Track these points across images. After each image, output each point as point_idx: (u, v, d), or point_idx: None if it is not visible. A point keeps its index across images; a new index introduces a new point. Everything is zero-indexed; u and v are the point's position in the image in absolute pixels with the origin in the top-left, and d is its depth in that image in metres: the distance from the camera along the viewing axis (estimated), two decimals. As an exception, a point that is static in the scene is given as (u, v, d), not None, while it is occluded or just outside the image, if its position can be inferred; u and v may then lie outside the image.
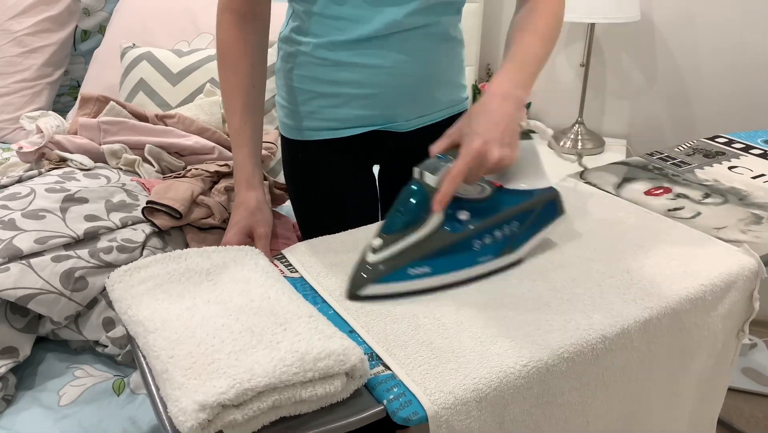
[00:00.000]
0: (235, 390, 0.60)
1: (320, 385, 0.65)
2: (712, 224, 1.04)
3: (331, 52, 1.05)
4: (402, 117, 1.13)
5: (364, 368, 0.68)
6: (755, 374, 1.96)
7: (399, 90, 1.09)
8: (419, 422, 0.65)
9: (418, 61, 1.08)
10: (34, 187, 1.23)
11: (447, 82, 1.16)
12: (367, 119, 1.12)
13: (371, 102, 1.09)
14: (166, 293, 0.79)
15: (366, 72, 1.06)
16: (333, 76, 1.07)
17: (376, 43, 1.04)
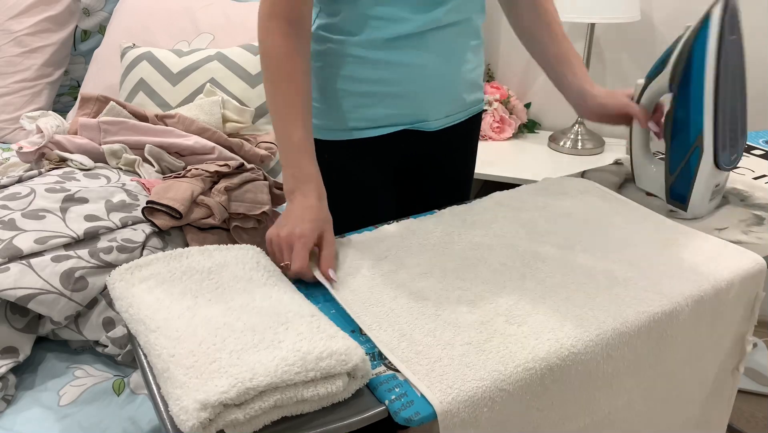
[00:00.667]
0: (237, 389, 0.60)
1: (322, 385, 0.65)
2: (714, 225, 1.04)
3: (367, 50, 1.05)
4: (432, 116, 1.14)
5: (366, 368, 0.68)
6: (755, 374, 1.96)
7: (431, 89, 1.10)
8: (421, 422, 0.65)
9: (451, 60, 1.09)
10: (34, 187, 1.22)
11: (473, 82, 1.17)
12: (399, 118, 1.12)
13: (405, 101, 1.10)
14: (167, 291, 0.79)
15: (401, 70, 1.06)
16: (368, 74, 1.07)
17: (412, 41, 1.04)
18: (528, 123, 2.21)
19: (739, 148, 1.07)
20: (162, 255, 0.86)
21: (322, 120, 1.13)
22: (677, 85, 1.03)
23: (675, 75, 1.03)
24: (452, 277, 0.88)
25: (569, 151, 2.03)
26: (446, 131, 1.17)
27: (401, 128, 1.13)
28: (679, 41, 1.03)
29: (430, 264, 0.91)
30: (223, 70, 1.72)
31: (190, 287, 0.79)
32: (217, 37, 1.89)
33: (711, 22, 0.98)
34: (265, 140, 1.66)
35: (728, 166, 1.05)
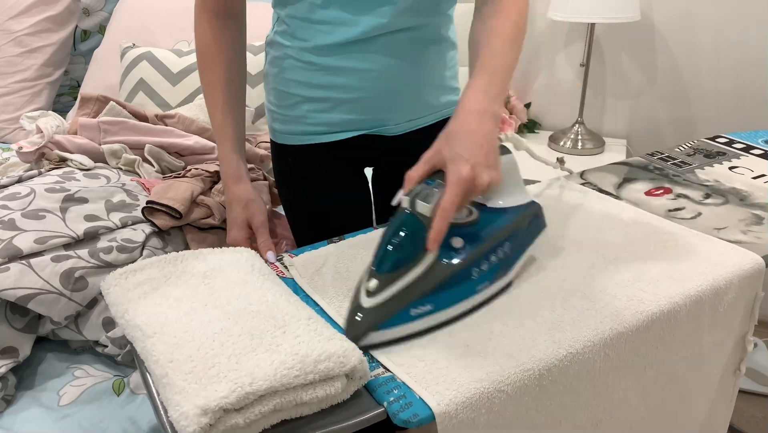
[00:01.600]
0: (237, 394, 0.60)
1: (321, 387, 0.65)
2: (713, 225, 1.04)
3: (316, 56, 1.04)
4: (391, 121, 1.11)
5: (364, 369, 0.68)
6: (755, 374, 1.96)
7: (387, 94, 1.07)
8: (420, 423, 0.65)
9: (405, 65, 1.06)
10: (34, 187, 1.22)
11: (437, 85, 1.13)
12: (355, 123, 1.10)
13: (359, 106, 1.08)
14: (162, 296, 0.78)
15: (353, 76, 1.05)
16: (320, 80, 1.06)
17: (362, 46, 1.02)
18: (528, 123, 2.21)
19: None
20: (156, 259, 0.86)
21: (282, 125, 1.14)
22: None
23: None
24: None
25: (569, 151, 2.02)
26: (413, 135, 1.14)
27: (361, 133, 1.11)
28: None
29: None
30: (223, 70, 1.72)
31: (185, 292, 0.79)
32: (217, 37, 1.89)
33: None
34: (264, 140, 1.66)
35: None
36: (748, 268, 0.92)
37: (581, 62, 2.05)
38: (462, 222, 0.81)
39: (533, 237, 0.90)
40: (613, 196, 1.15)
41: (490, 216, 0.84)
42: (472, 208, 0.85)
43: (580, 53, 2.11)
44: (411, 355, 0.74)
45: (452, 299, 0.78)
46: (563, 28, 2.11)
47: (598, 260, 0.92)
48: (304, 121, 1.11)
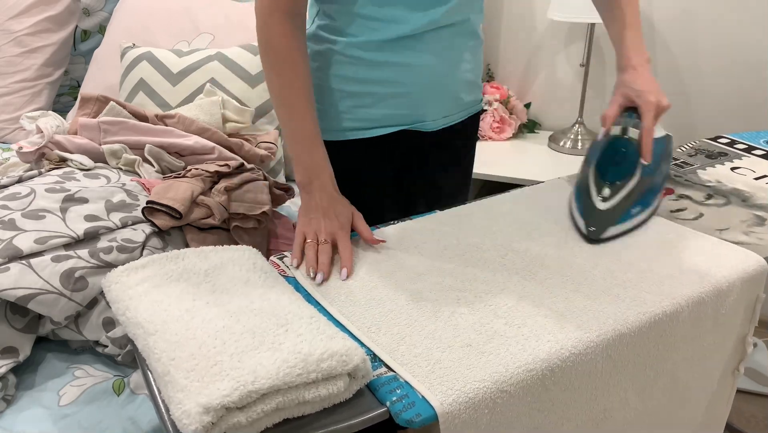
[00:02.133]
0: (239, 392, 0.60)
1: (323, 386, 0.64)
2: (715, 225, 1.04)
3: (365, 51, 1.05)
4: (430, 116, 1.14)
5: (367, 368, 0.68)
6: (755, 374, 1.96)
7: (430, 89, 1.10)
8: (423, 423, 0.65)
9: (449, 60, 1.10)
10: (34, 188, 1.22)
11: (471, 82, 1.17)
12: (397, 119, 1.12)
13: (402, 101, 1.10)
14: (164, 294, 0.78)
15: (399, 71, 1.07)
16: (366, 75, 1.07)
17: (409, 42, 1.04)
18: (528, 123, 2.21)
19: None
20: (158, 257, 0.86)
21: (320, 120, 1.13)
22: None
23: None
24: (451, 278, 0.87)
25: (569, 151, 2.02)
26: (445, 131, 1.17)
27: (399, 129, 1.13)
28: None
29: (429, 265, 0.91)
30: (223, 70, 1.72)
31: (187, 290, 0.79)
32: (217, 37, 1.89)
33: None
34: (264, 140, 1.66)
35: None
36: (750, 270, 0.92)
37: (581, 62, 2.05)
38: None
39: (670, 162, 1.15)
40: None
41: (656, 143, 1.02)
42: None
43: (580, 53, 2.11)
44: (414, 354, 0.73)
45: (649, 200, 1.03)
46: (563, 28, 2.11)
47: (601, 260, 0.92)
48: (346, 117, 1.11)
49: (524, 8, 2.14)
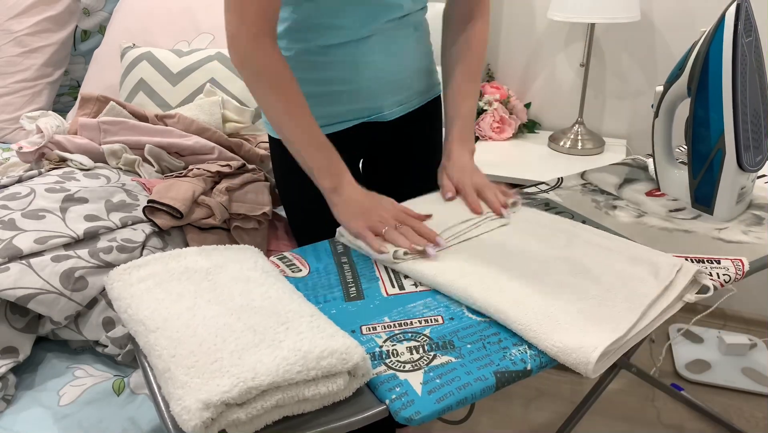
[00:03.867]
0: (239, 389, 0.60)
1: (323, 384, 0.65)
2: (713, 225, 1.04)
3: (320, 55, 1.12)
4: (387, 107, 1.20)
5: (367, 366, 0.68)
6: (755, 374, 1.96)
7: (383, 82, 1.17)
8: (422, 421, 0.65)
9: (394, 54, 1.16)
10: (34, 187, 1.22)
11: (421, 69, 1.24)
12: (356, 113, 1.18)
13: (359, 96, 1.16)
14: (165, 291, 0.78)
15: (348, 70, 1.13)
16: (322, 75, 1.13)
17: (354, 44, 1.11)
18: (528, 123, 2.21)
19: (763, 148, 1.06)
20: (160, 255, 0.86)
21: None
22: (695, 88, 1.04)
23: (692, 79, 1.04)
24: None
25: (569, 151, 2.02)
26: (403, 119, 1.24)
27: (359, 121, 1.20)
28: (695, 46, 1.05)
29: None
30: (223, 70, 1.72)
31: (188, 288, 0.79)
32: (217, 37, 1.89)
33: (725, 24, 1.01)
34: (264, 140, 1.66)
35: (753, 168, 1.05)
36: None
37: (581, 62, 2.05)
38: None
39: None
40: (614, 196, 1.15)
41: None
42: None
43: (580, 53, 2.11)
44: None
45: None
46: (563, 28, 2.11)
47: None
48: None
49: (524, 8, 2.14)
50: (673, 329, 2.17)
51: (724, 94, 0.99)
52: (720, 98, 1.00)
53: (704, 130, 1.03)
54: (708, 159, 1.04)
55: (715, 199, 1.06)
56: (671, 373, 2.00)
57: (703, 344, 2.10)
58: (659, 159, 1.16)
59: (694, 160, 1.07)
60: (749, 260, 0.93)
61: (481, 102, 2.12)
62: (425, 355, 0.74)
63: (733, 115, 0.99)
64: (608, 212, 1.09)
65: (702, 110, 1.03)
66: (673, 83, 1.08)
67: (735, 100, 0.99)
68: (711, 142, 1.03)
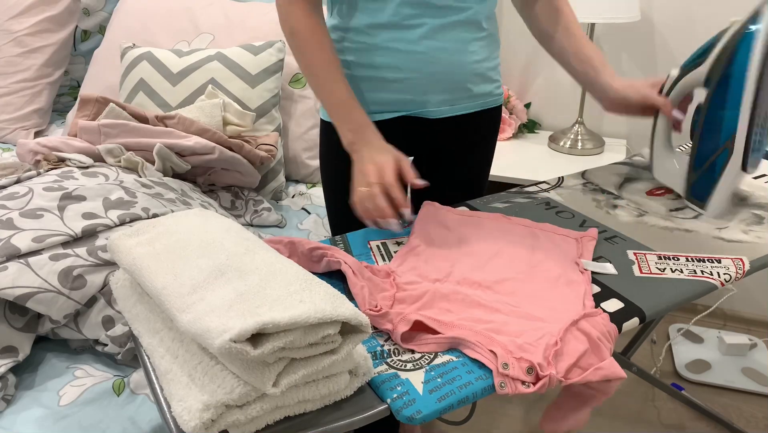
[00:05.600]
0: (240, 390, 0.60)
1: (324, 383, 0.64)
2: (714, 225, 1.04)
3: (367, 36, 1.10)
4: (432, 103, 1.17)
5: (368, 365, 0.68)
6: (755, 374, 1.96)
7: (431, 76, 1.13)
8: (423, 420, 0.65)
9: (450, 49, 1.12)
10: (32, 187, 1.22)
11: (479, 73, 1.19)
12: (400, 104, 1.16)
13: (405, 86, 1.14)
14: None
15: (401, 56, 1.11)
16: (370, 60, 1.12)
17: (411, 30, 1.09)
18: (528, 123, 2.21)
19: (762, 151, 1.05)
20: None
21: None
22: (715, 82, 0.99)
23: (714, 71, 0.99)
24: None
25: (569, 151, 2.02)
26: (450, 120, 1.20)
27: (402, 114, 1.17)
28: (723, 35, 0.98)
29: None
30: (223, 70, 1.72)
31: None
32: (217, 37, 1.89)
33: (762, 20, 0.92)
34: (265, 142, 1.66)
35: (753, 170, 1.04)
36: None
37: (581, 63, 2.05)
38: None
39: None
40: (615, 195, 1.15)
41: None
42: None
43: (579, 54, 2.11)
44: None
45: None
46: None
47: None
48: None
49: (524, 8, 2.14)
50: (673, 329, 2.17)
51: (745, 99, 0.95)
52: (739, 101, 0.96)
53: (715, 126, 1.00)
54: (713, 155, 1.02)
55: (711, 196, 1.04)
56: (671, 373, 2.00)
57: (703, 344, 2.10)
58: (657, 144, 1.14)
59: (698, 154, 1.05)
60: (750, 260, 0.93)
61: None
62: (426, 354, 0.74)
63: (749, 118, 0.96)
64: (609, 211, 1.09)
65: (717, 106, 0.99)
66: (691, 70, 1.04)
67: (755, 105, 0.95)
68: (720, 139, 1.00)
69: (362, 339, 0.65)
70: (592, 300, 0.83)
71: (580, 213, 1.09)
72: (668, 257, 0.94)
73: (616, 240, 1.00)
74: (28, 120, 1.99)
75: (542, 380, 0.69)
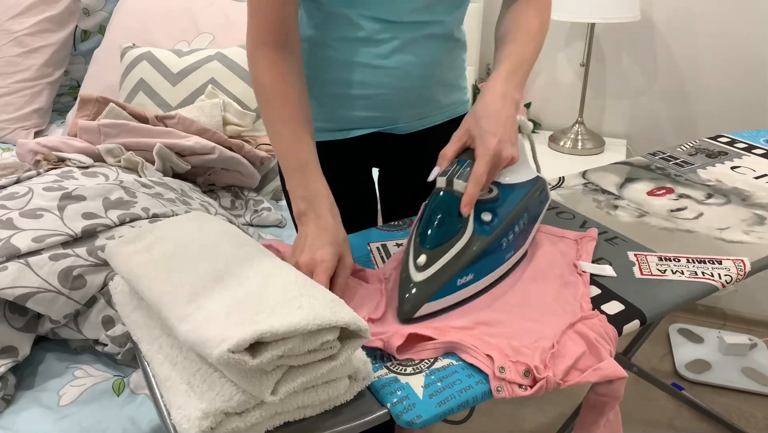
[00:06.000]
0: (239, 398, 0.59)
1: (323, 388, 0.64)
2: (715, 225, 1.04)
3: (336, 51, 1.03)
4: (404, 119, 1.11)
5: (367, 370, 0.68)
6: (755, 374, 1.96)
7: (403, 92, 1.07)
8: (423, 425, 0.65)
9: (422, 63, 1.06)
10: (32, 187, 1.22)
11: (448, 84, 1.14)
12: (370, 121, 1.09)
13: (375, 103, 1.07)
14: None
15: (371, 72, 1.04)
16: (337, 75, 1.05)
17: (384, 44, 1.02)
18: (528, 123, 2.21)
19: None
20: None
21: None
22: None
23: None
24: None
25: (569, 151, 2.02)
26: (422, 133, 1.14)
27: (372, 131, 1.10)
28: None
29: None
30: (223, 70, 1.72)
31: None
32: (217, 37, 1.89)
33: None
34: (265, 142, 1.66)
35: None
36: None
37: (581, 62, 2.05)
38: (488, 198, 0.90)
39: (541, 208, 0.98)
40: (615, 196, 1.15)
41: (508, 191, 0.92)
42: (493, 187, 0.92)
43: (580, 53, 2.11)
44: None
45: (488, 267, 0.86)
46: (563, 28, 2.11)
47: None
48: (320, 118, 1.07)
49: (524, 8, 2.14)
50: (673, 329, 2.17)
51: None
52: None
53: None
54: None
55: None
56: (671, 373, 2.00)
57: (703, 344, 2.10)
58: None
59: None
60: (751, 261, 0.93)
61: (481, 102, 2.12)
62: (426, 358, 0.74)
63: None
64: (609, 212, 1.09)
65: None
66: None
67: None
68: None
69: (361, 344, 0.65)
70: (590, 302, 0.83)
71: (581, 214, 1.09)
72: (669, 259, 0.94)
73: (617, 241, 1.00)
74: (28, 120, 1.99)
75: (539, 383, 0.69)
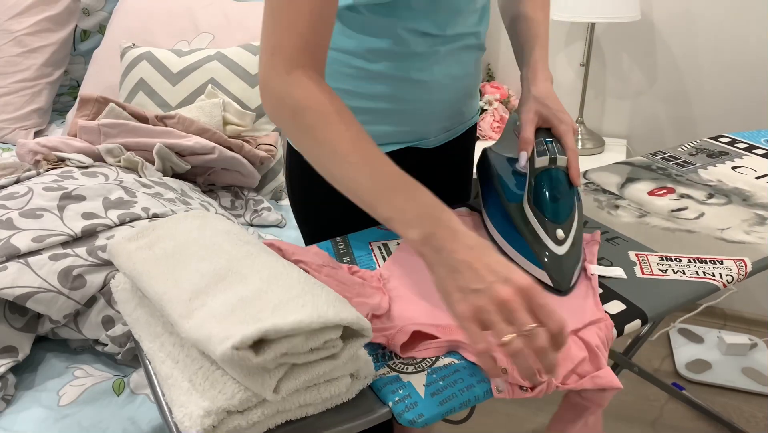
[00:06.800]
0: (241, 396, 0.59)
1: (325, 387, 0.64)
2: (716, 225, 1.04)
3: (367, 61, 0.96)
4: (433, 133, 1.08)
5: (369, 368, 0.67)
6: (755, 374, 1.96)
7: (435, 105, 1.03)
8: (425, 423, 0.65)
9: (457, 75, 1.03)
10: (32, 187, 1.22)
11: (473, 94, 1.12)
12: (398, 136, 1.04)
13: (405, 118, 1.02)
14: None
15: (405, 85, 0.99)
16: (369, 89, 0.98)
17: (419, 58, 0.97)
18: (528, 123, 2.21)
19: None
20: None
21: None
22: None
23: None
24: None
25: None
26: (446, 145, 1.13)
27: (401, 146, 1.05)
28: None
29: None
30: (223, 70, 1.71)
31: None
32: (217, 37, 1.89)
33: None
34: (265, 142, 1.66)
35: None
36: None
37: (581, 62, 2.05)
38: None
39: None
40: (616, 196, 1.15)
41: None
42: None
43: (580, 53, 2.11)
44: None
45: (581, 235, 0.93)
46: (563, 28, 2.11)
47: None
48: None
49: (524, 8, 2.14)
50: (674, 329, 2.17)
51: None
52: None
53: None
54: None
55: None
56: (671, 373, 2.00)
57: (703, 344, 2.10)
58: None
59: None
60: (752, 261, 0.93)
61: (481, 102, 2.12)
62: (428, 357, 0.74)
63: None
64: (610, 212, 1.09)
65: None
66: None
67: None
68: None
69: (364, 343, 0.65)
70: (600, 305, 0.83)
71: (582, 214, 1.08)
72: (670, 258, 0.94)
73: (618, 241, 1.00)
74: (27, 120, 1.99)
75: (540, 386, 0.69)
